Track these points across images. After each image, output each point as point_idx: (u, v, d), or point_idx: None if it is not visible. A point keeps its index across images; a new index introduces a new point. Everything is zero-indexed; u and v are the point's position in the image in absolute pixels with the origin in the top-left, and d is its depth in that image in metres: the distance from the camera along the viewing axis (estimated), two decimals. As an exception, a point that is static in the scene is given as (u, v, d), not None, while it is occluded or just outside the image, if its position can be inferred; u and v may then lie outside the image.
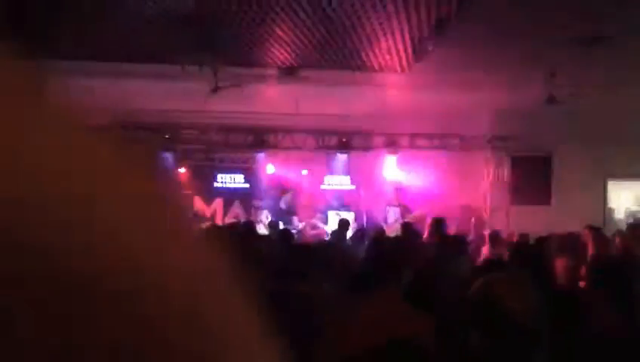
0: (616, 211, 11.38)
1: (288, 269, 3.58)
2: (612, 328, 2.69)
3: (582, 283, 3.78)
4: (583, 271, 3.81)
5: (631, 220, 9.89)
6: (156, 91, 9.99)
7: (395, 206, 10.70)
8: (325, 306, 1.89)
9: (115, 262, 0.24)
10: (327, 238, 10.61)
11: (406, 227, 8.60)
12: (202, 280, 0.27)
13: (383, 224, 10.51)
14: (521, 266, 3.90)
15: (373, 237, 7.02)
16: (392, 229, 9.80)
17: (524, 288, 1.81)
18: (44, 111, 0.30)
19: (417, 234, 7.48)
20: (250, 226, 7.23)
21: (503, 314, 1.71)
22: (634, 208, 11.31)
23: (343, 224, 8.26)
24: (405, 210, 10.62)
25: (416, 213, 10.57)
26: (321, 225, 11.33)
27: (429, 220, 9.29)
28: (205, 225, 10.60)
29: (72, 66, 8.52)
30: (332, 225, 10.89)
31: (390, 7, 5.95)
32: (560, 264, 4.03)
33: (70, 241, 0.23)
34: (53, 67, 8.47)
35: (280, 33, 6.93)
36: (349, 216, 10.82)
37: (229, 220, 12.53)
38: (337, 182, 12.57)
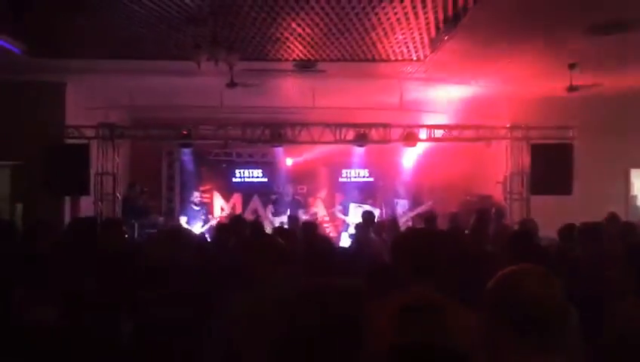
0: (639, 199, 11.22)
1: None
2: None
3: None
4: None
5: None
6: (173, 88, 10.05)
7: (403, 198, 10.69)
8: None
9: None
10: (343, 229, 10.67)
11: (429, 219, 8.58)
12: None
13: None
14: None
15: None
16: (402, 222, 9.79)
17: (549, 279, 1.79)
18: None
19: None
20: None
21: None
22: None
23: (368, 217, 8.21)
24: (414, 203, 10.59)
25: (426, 205, 10.54)
26: (341, 216, 11.33)
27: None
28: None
29: (90, 65, 8.62)
30: (353, 218, 10.89)
31: (406, -2, 5.90)
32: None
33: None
34: (72, 66, 8.60)
35: (295, 27, 6.91)
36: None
37: (248, 215, 12.60)
38: (355, 174, 12.57)
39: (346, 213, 11.27)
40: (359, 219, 9.95)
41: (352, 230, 10.17)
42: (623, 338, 2.77)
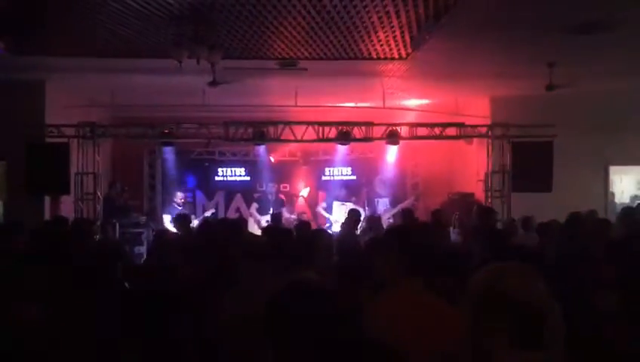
0: (617, 196, 11.39)
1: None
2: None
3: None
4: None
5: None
6: (154, 86, 9.99)
7: (384, 197, 10.74)
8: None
9: None
10: (327, 227, 10.68)
11: (407, 214, 8.63)
12: None
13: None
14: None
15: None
16: (383, 220, 9.85)
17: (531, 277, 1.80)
18: None
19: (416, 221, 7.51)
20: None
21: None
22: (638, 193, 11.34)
23: (354, 216, 8.21)
24: (395, 201, 10.65)
25: (408, 202, 10.61)
26: (325, 214, 11.34)
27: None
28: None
29: (70, 63, 8.53)
30: (336, 216, 10.92)
31: (387, -3, 5.92)
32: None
33: None
34: (52, 64, 8.50)
35: (277, 25, 6.90)
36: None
37: (231, 214, 12.57)
38: (338, 173, 12.60)
39: (329, 211, 11.28)
40: (343, 217, 10.03)
41: (336, 228, 10.24)
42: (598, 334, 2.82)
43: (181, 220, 7.87)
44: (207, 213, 11.71)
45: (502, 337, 1.71)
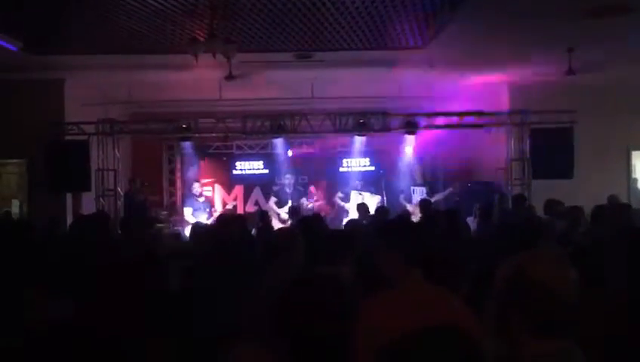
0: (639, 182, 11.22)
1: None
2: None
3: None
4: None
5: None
6: (171, 82, 10.03)
7: (420, 185, 10.63)
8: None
9: None
10: (344, 216, 10.67)
11: (425, 205, 8.55)
12: None
13: (406, 204, 10.47)
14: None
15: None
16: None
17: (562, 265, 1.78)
18: None
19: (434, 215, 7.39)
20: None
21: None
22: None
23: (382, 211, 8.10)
24: (432, 189, 10.56)
25: (443, 193, 10.50)
26: (341, 203, 11.30)
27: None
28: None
29: (89, 61, 8.60)
30: (354, 204, 10.90)
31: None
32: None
33: None
34: (70, 63, 8.58)
35: (292, 17, 6.88)
36: (372, 198, 10.79)
37: (250, 207, 12.61)
38: (356, 164, 12.55)
39: (346, 200, 11.24)
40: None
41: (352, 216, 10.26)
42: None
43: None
44: (228, 206, 11.76)
45: (526, 324, 1.70)
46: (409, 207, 10.02)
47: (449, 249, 3.55)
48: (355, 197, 10.95)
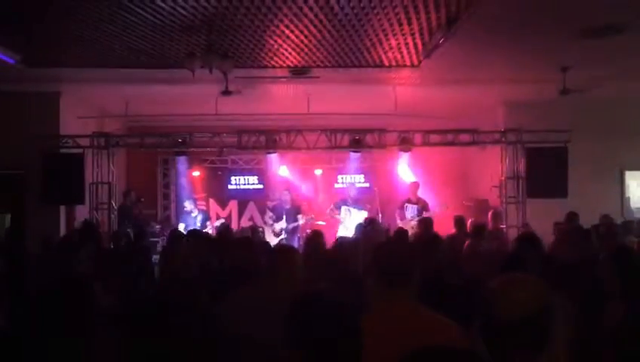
0: (633, 201, 11.24)
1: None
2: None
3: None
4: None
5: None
6: (167, 96, 10.05)
7: (413, 203, 10.63)
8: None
9: None
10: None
11: (425, 223, 8.54)
12: None
13: (398, 221, 10.46)
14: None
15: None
16: (409, 226, 9.75)
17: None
18: None
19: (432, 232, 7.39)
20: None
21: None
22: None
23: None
24: (424, 208, 10.54)
25: (436, 210, 10.49)
26: (333, 215, 11.27)
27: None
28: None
29: (85, 75, 8.62)
30: (344, 215, 10.91)
31: (399, 4, 5.92)
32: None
33: None
34: (66, 76, 8.58)
35: (288, 34, 6.92)
36: (359, 214, 10.78)
37: (244, 222, 12.59)
38: (351, 180, 12.57)
39: (337, 212, 11.22)
40: (349, 220, 10.03)
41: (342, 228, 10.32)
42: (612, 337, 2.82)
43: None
44: (218, 223, 11.74)
45: (502, 342, 1.78)
46: (401, 224, 10.01)
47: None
48: (345, 213, 10.97)
